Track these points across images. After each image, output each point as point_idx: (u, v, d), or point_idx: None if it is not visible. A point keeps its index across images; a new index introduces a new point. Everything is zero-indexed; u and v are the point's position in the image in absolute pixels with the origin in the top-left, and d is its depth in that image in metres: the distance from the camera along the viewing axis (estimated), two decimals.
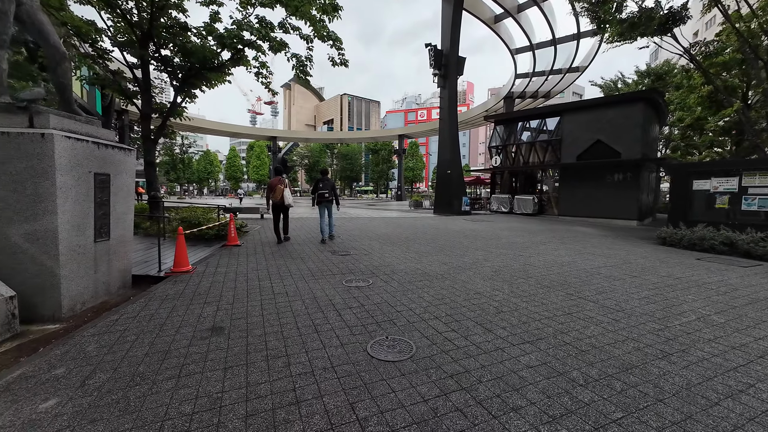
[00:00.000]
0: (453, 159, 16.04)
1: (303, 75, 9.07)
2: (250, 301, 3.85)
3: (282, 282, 4.62)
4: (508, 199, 16.84)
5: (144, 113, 7.92)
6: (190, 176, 64.34)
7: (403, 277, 4.97)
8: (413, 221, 12.66)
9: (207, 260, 5.80)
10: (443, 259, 6.23)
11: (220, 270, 5.19)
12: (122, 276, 4.29)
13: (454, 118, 16.23)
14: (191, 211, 8.11)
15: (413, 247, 7.31)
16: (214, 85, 8.84)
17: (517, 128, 17.63)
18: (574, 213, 14.61)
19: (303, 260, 5.92)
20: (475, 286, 4.55)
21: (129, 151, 4.31)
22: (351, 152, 66.53)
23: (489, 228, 10.95)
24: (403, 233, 9.38)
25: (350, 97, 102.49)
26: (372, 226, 10.99)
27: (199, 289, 4.26)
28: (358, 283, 4.60)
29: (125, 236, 4.29)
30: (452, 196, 15.84)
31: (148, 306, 3.70)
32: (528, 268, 5.64)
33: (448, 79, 16.21)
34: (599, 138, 13.63)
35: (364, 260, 6.00)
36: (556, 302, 3.95)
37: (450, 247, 7.38)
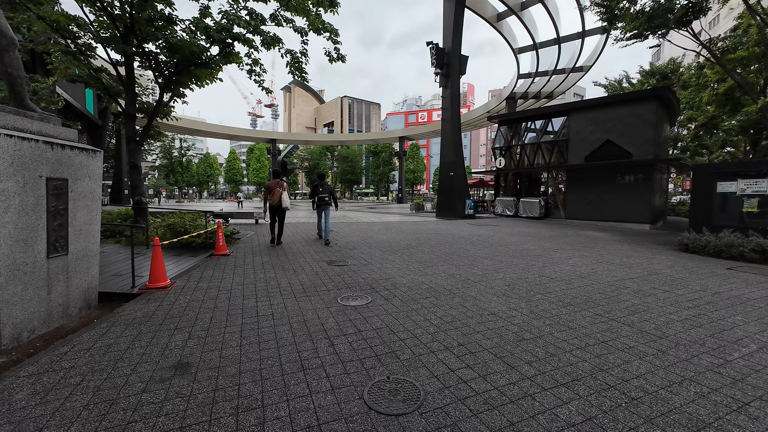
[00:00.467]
0: (456, 160, 15.51)
1: (298, 72, 8.56)
2: (229, 326, 3.31)
3: (269, 300, 4.07)
4: (513, 201, 16.28)
5: (128, 113, 7.40)
6: (189, 179, 63.98)
7: (406, 293, 4.42)
8: (415, 226, 12.12)
9: (190, 272, 5.26)
10: (450, 270, 5.67)
11: (202, 285, 4.65)
12: (85, 295, 3.75)
13: (456, 118, 15.72)
14: (178, 217, 7.59)
15: (416, 256, 6.75)
16: (204, 83, 8.33)
17: (522, 129, 17.09)
18: (582, 216, 14.04)
19: (295, 272, 5.38)
20: (489, 304, 4.00)
21: (93, 153, 3.78)
22: (351, 155, 66.08)
23: (496, 233, 10.40)
24: (405, 240, 8.83)
25: (350, 100, 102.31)
26: (372, 231, 10.44)
27: (173, 310, 3.72)
28: (355, 302, 4.05)
29: (89, 249, 3.75)
30: (455, 199, 15.30)
31: (108, 333, 3.16)
32: (545, 281, 5.08)
33: (450, 78, 15.71)
34: (609, 138, 13.09)
35: (363, 272, 5.45)
36: (585, 325, 3.40)
37: (456, 256, 6.83)
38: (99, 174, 3.89)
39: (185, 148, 45.53)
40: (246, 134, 47.07)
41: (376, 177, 66.34)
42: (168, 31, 6.92)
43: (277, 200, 7.59)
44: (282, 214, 7.85)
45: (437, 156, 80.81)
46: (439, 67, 15.63)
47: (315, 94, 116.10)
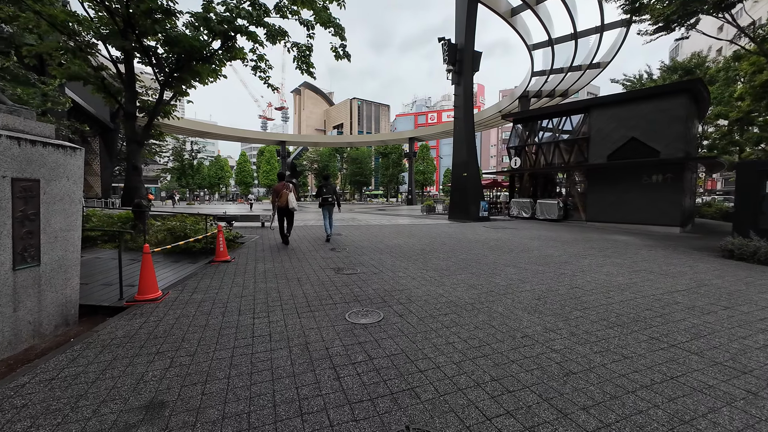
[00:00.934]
0: (469, 161, 14.89)
1: (305, 66, 8.13)
2: (219, 351, 2.83)
3: (268, 317, 3.59)
4: (530, 203, 15.55)
5: (128, 112, 7.09)
6: (201, 181, 64.63)
7: (423, 307, 3.88)
8: (428, 229, 11.56)
9: (185, 282, 4.83)
10: (470, 279, 5.11)
11: (196, 297, 4.20)
12: (62, 311, 3.33)
13: (470, 116, 15.11)
14: (179, 221, 7.21)
15: (431, 263, 6.21)
16: (207, 81, 7.97)
17: (538, 127, 16.37)
18: (604, 218, 13.25)
19: (299, 282, 4.90)
20: (520, 323, 3.44)
21: (72, 151, 3.37)
22: (360, 156, 65.85)
23: (514, 237, 9.76)
24: (418, 244, 8.29)
25: (360, 101, 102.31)
26: (383, 235, 9.93)
27: (158, 328, 3.27)
28: (365, 319, 3.53)
29: (67, 259, 3.34)
30: (469, 200, 14.67)
31: (80, 357, 2.72)
32: (579, 293, 4.49)
33: (462, 75, 15.12)
34: (634, 135, 12.30)
35: (374, 281, 4.94)
36: (642, 354, 2.81)
37: (475, 263, 6.26)
38: (79, 175, 3.48)
39: (196, 151, 45.87)
40: (256, 136, 47.23)
41: (386, 178, 65.89)
42: (168, 25, 6.56)
43: (285, 202, 7.71)
44: (290, 214, 8.00)
45: (447, 157, 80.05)
46: (452, 63, 15.07)
47: (324, 96, 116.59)
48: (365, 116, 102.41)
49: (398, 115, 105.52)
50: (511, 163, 16.55)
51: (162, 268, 5.59)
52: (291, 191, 7.84)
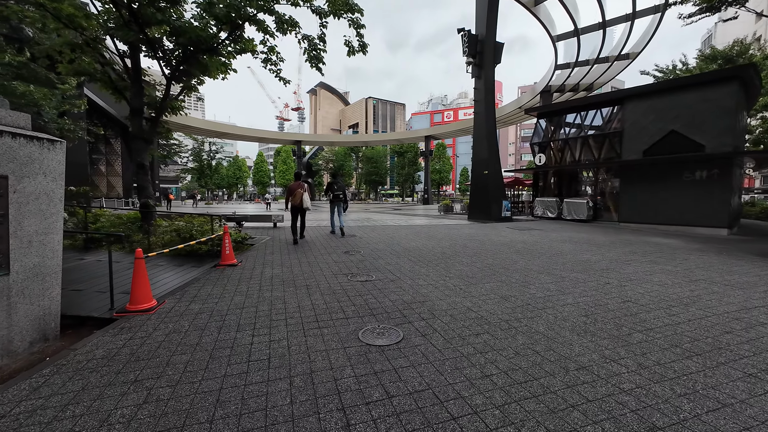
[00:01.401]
0: (490, 158, 14.12)
1: (315, 60, 7.67)
2: (206, 380, 2.35)
3: (269, 334, 3.10)
4: (556, 202, 14.62)
5: (134, 108, 6.81)
6: (219, 182, 65.85)
7: (448, 325, 3.30)
8: (447, 230, 10.91)
9: (185, 289, 4.42)
10: (500, 289, 4.49)
11: (193, 308, 3.77)
12: (39, 324, 2.94)
13: (491, 111, 14.33)
14: (187, 221, 6.88)
15: (454, 269, 5.60)
16: (216, 75, 7.62)
17: (564, 122, 15.40)
18: (639, 219, 12.24)
19: (308, 290, 4.40)
20: (570, 349, 2.81)
21: (50, 144, 2.98)
22: (376, 155, 65.46)
23: (543, 239, 9.00)
24: (438, 247, 7.68)
25: (375, 101, 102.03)
26: (400, 236, 9.37)
27: (143, 348, 2.83)
28: (381, 339, 2.99)
29: (44, 266, 2.95)
30: (490, 199, 13.90)
31: (44, 386, 2.29)
32: (633, 308, 3.80)
33: (483, 68, 14.35)
34: (674, 128, 11.25)
35: (391, 291, 4.39)
36: (744, 399, 2.15)
37: (503, 269, 5.61)
38: (59, 171, 3.09)
39: (214, 151, 46.59)
40: (272, 136, 47.55)
41: (401, 178, 65.29)
42: (174, 15, 6.22)
43: (299, 201, 7.88)
44: (303, 213, 8.26)
45: (464, 155, 78.92)
46: (472, 56, 14.33)
47: (340, 96, 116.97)
48: (381, 115, 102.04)
49: (414, 114, 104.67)
50: (535, 160, 15.64)
51: (163, 273, 5.22)
52: (305, 191, 8.00)
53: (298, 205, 7.87)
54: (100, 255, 6.25)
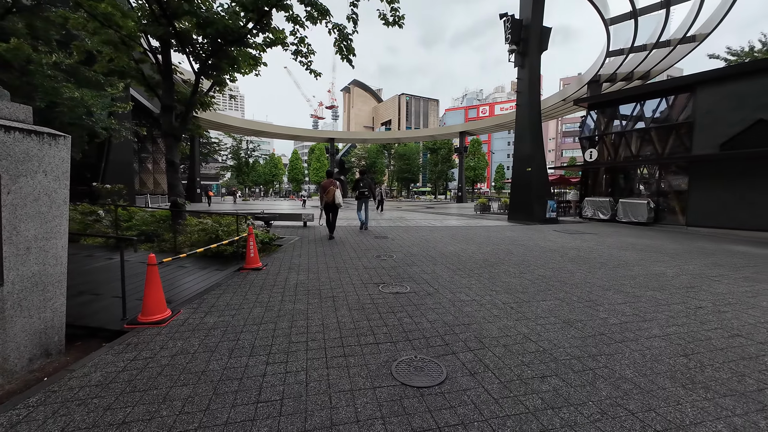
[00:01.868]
0: (534, 153, 12.96)
1: (347, 51, 7.17)
2: (204, 427, 1.89)
3: (286, 362, 2.62)
4: (609, 203, 13.15)
5: (165, 104, 6.72)
6: (256, 179, 68.28)
7: (503, 359, 2.64)
8: (487, 233, 10.04)
9: (204, 296, 4.10)
10: (560, 310, 3.73)
11: (208, 321, 3.39)
12: (39, 339, 2.67)
13: (536, 103, 13.14)
14: (215, 221, 6.68)
15: (501, 280, 4.87)
16: (246, 70, 7.37)
17: (620, 113, 13.81)
18: (712, 223, 10.61)
19: (335, 303, 3.91)
20: (680, 413, 2.05)
21: (51, 139, 2.68)
22: (408, 152, 64.63)
23: (599, 246, 7.93)
24: (479, 252, 6.93)
25: (408, 97, 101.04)
26: (435, 239, 8.68)
27: (143, 373, 2.45)
28: (420, 377, 2.40)
29: (46, 275, 2.67)
30: (533, 199, 12.77)
31: (22, 422, 1.95)
32: (749, 347, 2.91)
33: (528, 56, 13.18)
34: (762, 117, 9.56)
35: (429, 307, 3.78)
36: None
37: (559, 283, 4.80)
38: (63, 169, 2.79)
39: (251, 149, 48.18)
40: (306, 134, 48.30)
41: (434, 175, 63.92)
42: (202, 6, 5.98)
43: (332, 198, 8.06)
44: (335, 210, 8.35)
45: (500, 152, 76.05)
46: (515, 43, 13.20)
47: (373, 93, 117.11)
48: (413, 112, 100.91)
49: (447, 110, 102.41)
50: (585, 155, 14.20)
51: (186, 276, 4.98)
52: (338, 188, 8.21)
53: (330, 202, 8.09)
54: (130, 255, 6.19)
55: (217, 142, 47.08)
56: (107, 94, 12.89)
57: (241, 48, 6.51)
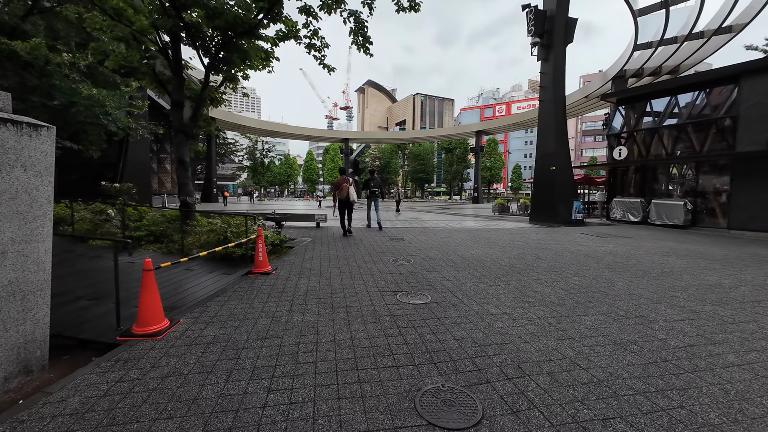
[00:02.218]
0: (559, 151, 12.26)
1: (362, 40, 6.79)
2: None
3: (291, 388, 2.23)
4: (640, 204, 12.30)
5: (174, 100, 6.51)
6: (272, 179, 69.07)
7: (551, 393, 2.18)
8: (509, 235, 9.47)
9: (207, 304, 3.78)
10: (607, 327, 3.21)
11: (208, 333, 3.06)
12: (17, 356, 2.37)
13: (560, 98, 12.44)
14: (224, 221, 6.41)
15: (532, 290, 4.37)
16: (258, 64, 7.09)
17: (651, 108, 12.93)
18: (759, 226, 9.71)
19: (348, 314, 3.51)
20: None
21: (33, 130, 2.38)
22: (423, 152, 64.02)
23: (636, 251, 7.27)
24: (504, 257, 6.42)
25: (422, 97, 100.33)
26: (455, 242, 8.19)
27: (126, 401, 2.11)
28: (451, 415, 1.97)
29: (25, 283, 2.37)
30: (557, 199, 12.08)
31: None
32: None
33: (552, 48, 12.49)
34: None
35: (454, 321, 3.33)
36: None
37: (600, 294, 4.26)
38: (46, 164, 2.49)
39: (266, 150, 48.64)
40: (320, 134, 48.41)
41: (449, 175, 63.08)
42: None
43: (345, 195, 8.21)
44: (350, 207, 8.48)
45: (516, 152, 74.61)
46: (538, 35, 12.54)
47: (387, 93, 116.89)
48: (428, 112, 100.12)
49: (463, 109, 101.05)
50: (614, 153, 13.38)
51: (192, 280, 4.69)
52: (351, 185, 8.31)
53: (344, 199, 8.23)
54: (137, 256, 5.99)
55: (233, 143, 47.71)
56: (123, 92, 12.97)
57: (252, 41, 6.23)
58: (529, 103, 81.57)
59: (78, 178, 14.74)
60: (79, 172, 14.28)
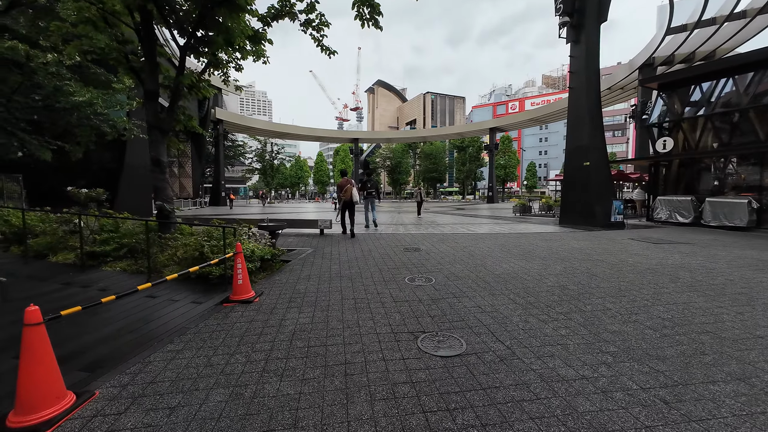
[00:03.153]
0: (594, 143, 10.81)
1: (370, 11, 5.63)
2: None
3: None
4: (690, 203, 10.74)
5: (148, 90, 5.50)
6: (282, 181, 68.76)
7: None
8: (545, 243, 8.10)
9: (149, 357, 2.67)
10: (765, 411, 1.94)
11: (126, 423, 1.93)
12: None
13: (594, 83, 10.99)
14: (207, 231, 5.34)
15: (606, 329, 3.11)
16: (243, 47, 6.01)
17: (702, 92, 11.34)
18: None
19: (348, 380, 2.34)
20: None
21: None
22: (434, 151, 62.55)
23: (713, 263, 5.86)
24: (548, 274, 5.14)
25: (433, 95, 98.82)
26: (481, 252, 6.91)
27: None
28: None
29: None
30: (593, 199, 10.64)
31: None
32: None
33: (584, 28, 11.06)
34: None
35: (509, 396, 2.12)
36: None
37: (710, 338, 2.97)
38: None
39: (276, 152, 48.12)
40: (329, 135, 47.63)
41: (462, 174, 61.40)
42: None
43: (349, 196, 8.40)
44: (353, 208, 8.59)
45: (531, 149, 72.48)
46: (567, 14, 11.13)
47: (397, 92, 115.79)
48: (439, 110, 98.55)
49: (474, 107, 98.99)
50: (657, 146, 11.82)
51: (148, 313, 3.62)
52: (354, 186, 8.50)
53: (348, 200, 8.40)
54: (94, 274, 4.97)
55: (242, 145, 47.35)
56: (116, 91, 12.16)
57: (235, 15, 5.15)
58: (544, 99, 78.98)
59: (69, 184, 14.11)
60: (72, 177, 13.56)
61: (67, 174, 13.71)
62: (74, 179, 14.56)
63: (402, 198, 64.46)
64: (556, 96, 76.03)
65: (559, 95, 76.70)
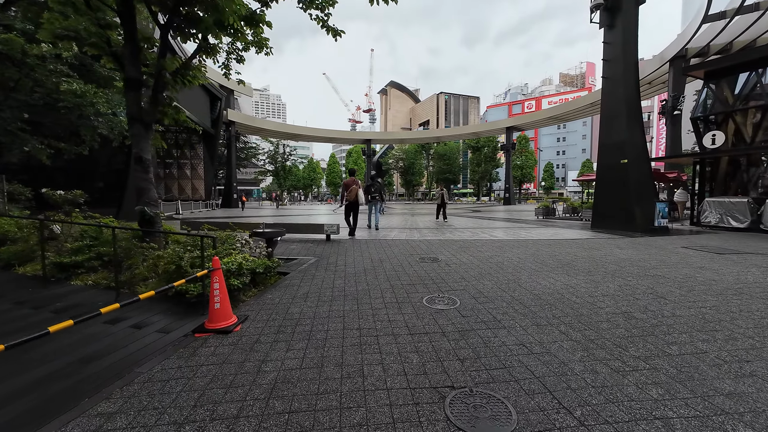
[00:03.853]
0: (632, 139, 9.66)
1: None
2: None
3: None
4: (747, 205, 9.44)
5: (129, 77, 4.83)
6: (295, 183, 68.83)
7: None
8: (584, 252, 7.04)
9: (69, 425, 1.88)
10: None
11: None
12: None
13: (632, 72, 9.84)
14: (194, 241, 4.60)
15: (714, 389, 2.16)
16: (233, 20, 5.25)
17: (761, 80, 10.04)
18: None
19: None
20: None
21: None
22: (448, 152, 61.31)
23: None
24: (601, 293, 4.17)
25: (447, 96, 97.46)
26: (512, 264, 5.93)
27: None
28: None
29: None
30: (633, 200, 9.48)
31: None
32: None
33: (620, 12, 9.95)
34: None
35: None
36: None
37: None
38: None
39: (288, 153, 47.93)
40: (341, 136, 47.13)
41: (477, 175, 59.90)
42: None
43: (354, 196, 8.37)
44: (357, 209, 8.55)
45: (548, 149, 70.58)
46: None
47: (410, 93, 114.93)
48: (453, 111, 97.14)
49: (489, 107, 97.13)
50: (704, 141, 10.55)
51: (99, 346, 2.87)
52: (360, 187, 8.49)
53: (353, 200, 8.37)
54: (59, 289, 4.29)
55: (255, 147, 47.34)
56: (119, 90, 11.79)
57: None
58: (561, 98, 76.56)
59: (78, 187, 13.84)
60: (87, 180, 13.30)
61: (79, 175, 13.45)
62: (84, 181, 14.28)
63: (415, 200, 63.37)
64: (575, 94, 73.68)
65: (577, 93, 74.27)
